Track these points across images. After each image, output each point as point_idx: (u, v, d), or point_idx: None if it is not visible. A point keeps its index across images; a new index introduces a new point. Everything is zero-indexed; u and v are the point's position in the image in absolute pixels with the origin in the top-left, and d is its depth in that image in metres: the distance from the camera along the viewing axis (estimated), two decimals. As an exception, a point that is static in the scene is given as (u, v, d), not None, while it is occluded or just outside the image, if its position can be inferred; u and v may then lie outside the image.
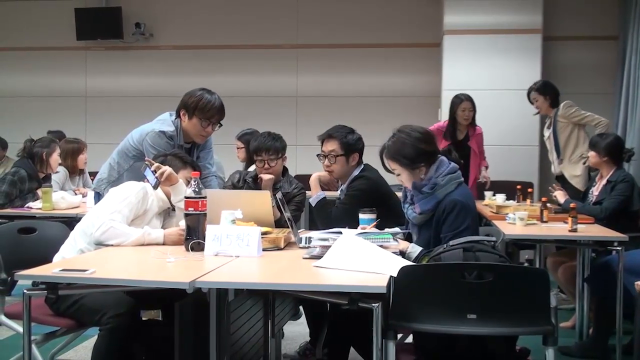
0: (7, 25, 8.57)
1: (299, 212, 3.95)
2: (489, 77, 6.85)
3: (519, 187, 5.42)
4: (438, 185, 2.90)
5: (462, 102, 5.73)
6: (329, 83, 8.05)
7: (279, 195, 3.04)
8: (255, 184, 3.89)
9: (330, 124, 3.82)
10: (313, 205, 3.68)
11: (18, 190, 4.97)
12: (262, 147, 3.82)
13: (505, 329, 2.24)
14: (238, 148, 5.34)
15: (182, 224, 2.93)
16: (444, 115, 6.54)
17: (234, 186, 3.96)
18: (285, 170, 3.99)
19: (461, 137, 5.78)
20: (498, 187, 5.69)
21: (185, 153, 3.52)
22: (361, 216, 3.18)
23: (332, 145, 3.63)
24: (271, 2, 8.15)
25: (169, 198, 3.18)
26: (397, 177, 3.03)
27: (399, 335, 2.59)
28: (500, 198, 5.10)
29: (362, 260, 2.43)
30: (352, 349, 3.26)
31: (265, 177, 3.80)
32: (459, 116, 5.73)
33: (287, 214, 2.99)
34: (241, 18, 8.17)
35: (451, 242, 2.52)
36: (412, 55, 7.84)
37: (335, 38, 7.98)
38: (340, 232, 2.78)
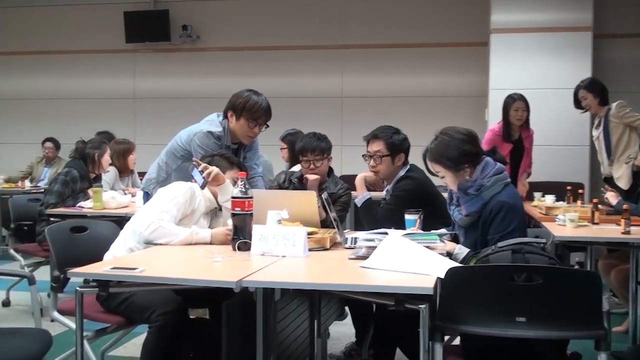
0: (59, 29, 8.80)
1: (345, 213, 3.95)
2: (537, 76, 6.73)
3: (569, 187, 5.30)
4: (484, 187, 2.86)
5: (515, 102, 5.58)
6: (374, 83, 8.03)
7: (324, 195, 3.05)
8: (301, 184, 3.90)
9: (375, 124, 3.80)
10: (359, 205, 3.68)
11: (70, 190, 5.09)
12: (308, 147, 3.84)
13: (555, 332, 2.20)
14: (282, 149, 5.37)
15: (229, 223, 2.96)
16: (491, 116, 6.46)
17: (280, 186, 3.99)
18: (330, 170, 3.99)
19: (515, 138, 5.67)
20: (547, 188, 5.58)
21: (232, 154, 3.56)
22: (407, 217, 3.16)
23: (377, 146, 3.61)
24: (316, 3, 8.18)
25: (216, 198, 3.22)
26: (442, 180, 3.00)
27: (446, 337, 2.56)
28: (549, 199, 5.00)
29: (408, 261, 2.42)
30: (398, 350, 3.25)
31: (311, 177, 3.82)
32: (512, 116, 5.57)
33: (332, 214, 2.99)
34: (286, 19, 8.21)
35: (499, 244, 2.48)
36: (458, 55, 7.77)
37: (380, 38, 7.96)
38: (386, 233, 2.77)
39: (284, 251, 2.70)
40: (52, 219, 4.68)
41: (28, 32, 8.90)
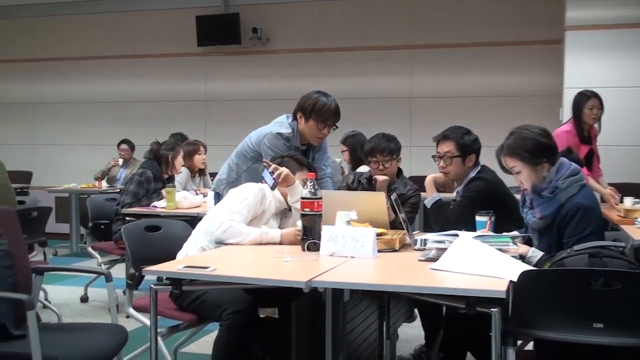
0: (133, 35, 9.07)
1: (414, 214, 3.91)
2: (615, 74, 6.49)
3: (649, 189, 5.09)
4: (559, 189, 2.78)
5: (589, 100, 5.29)
6: (444, 83, 7.94)
7: (394, 196, 3.03)
8: (370, 185, 3.89)
9: (445, 124, 3.75)
10: (428, 207, 3.63)
11: (144, 190, 5.24)
12: (377, 148, 3.84)
13: (634, 339, 2.11)
14: (342, 151, 5.37)
15: (299, 224, 2.98)
16: (566, 115, 6.27)
17: (349, 187, 3.99)
18: (399, 171, 3.97)
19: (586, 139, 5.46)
20: (626, 189, 5.37)
21: (301, 155, 3.58)
22: (478, 218, 3.10)
23: (447, 146, 3.56)
24: (386, 3, 8.14)
25: (285, 199, 3.24)
26: (516, 177, 2.92)
27: (519, 342, 2.50)
28: (628, 201, 4.80)
29: (480, 263, 2.37)
30: (468, 354, 3.19)
31: (380, 178, 3.81)
32: (586, 115, 5.27)
33: (402, 215, 2.97)
34: (356, 21, 8.21)
35: (575, 247, 2.41)
36: (530, 53, 7.59)
37: (450, 37, 7.86)
38: (457, 235, 2.73)
39: (353, 252, 2.70)
40: (127, 218, 4.82)
41: (104, 38, 9.21)
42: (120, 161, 8.23)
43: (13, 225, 2.90)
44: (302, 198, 2.87)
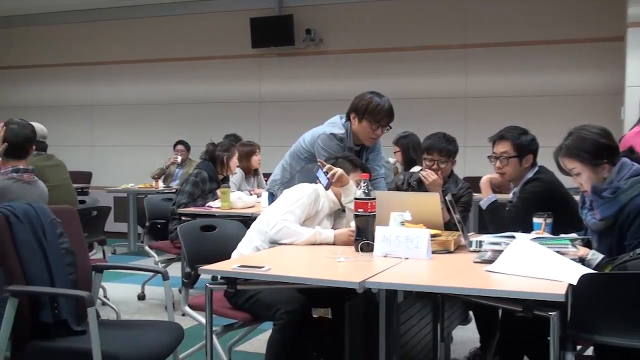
0: (189, 38, 9.22)
1: (467, 213, 3.85)
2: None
3: None
4: (620, 190, 2.69)
5: None
6: (500, 83, 7.81)
7: (448, 197, 2.99)
8: (419, 187, 3.83)
9: (501, 124, 3.68)
10: (484, 208, 3.57)
11: (200, 191, 5.31)
12: (435, 146, 3.78)
13: (702, 347, 2.04)
14: (395, 152, 5.33)
15: (352, 224, 2.97)
16: (628, 114, 6.08)
17: (398, 189, 3.95)
18: (451, 171, 3.91)
19: None
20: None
21: (355, 155, 3.57)
22: (535, 220, 3.04)
23: (504, 147, 3.49)
24: (439, 2, 8.07)
25: (339, 199, 3.24)
26: (575, 179, 2.84)
27: (578, 347, 2.44)
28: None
29: (537, 266, 2.32)
30: (525, 358, 3.13)
31: (430, 178, 3.72)
32: None
33: (456, 216, 2.94)
34: (409, 20, 8.16)
35: (638, 250, 2.33)
36: (589, 51, 7.40)
37: (506, 36, 7.73)
38: (513, 237, 2.68)
39: (407, 253, 2.68)
40: (183, 218, 4.89)
41: (161, 41, 9.39)
42: (179, 158, 8.37)
43: (74, 224, 2.99)
44: (356, 198, 2.87)
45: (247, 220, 3.99)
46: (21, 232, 2.66)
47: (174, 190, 7.03)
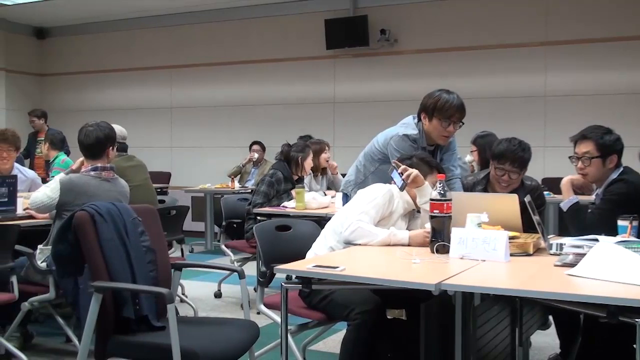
0: (263, 40, 9.35)
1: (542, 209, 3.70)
2: None
3: None
4: None
5: None
6: (581, 80, 7.56)
7: (527, 198, 2.91)
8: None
9: (582, 124, 3.56)
10: (564, 210, 3.46)
11: (275, 191, 5.38)
12: (509, 155, 3.56)
13: None
14: (472, 151, 5.23)
15: (428, 225, 2.94)
16: None
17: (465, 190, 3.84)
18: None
19: None
20: None
21: (430, 155, 3.53)
22: (620, 223, 2.92)
23: (586, 147, 3.37)
24: (518, 0, 7.89)
25: (414, 200, 3.21)
26: None
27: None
28: None
29: (623, 270, 2.23)
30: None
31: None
32: None
33: (536, 218, 2.85)
34: (485, 18, 8.02)
35: None
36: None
37: (587, 32, 7.48)
38: (596, 240, 2.58)
39: (484, 255, 2.63)
40: (258, 217, 4.97)
41: (237, 44, 9.56)
42: (255, 155, 8.49)
43: (155, 223, 3.08)
44: (432, 200, 2.83)
45: (321, 221, 4.01)
46: (105, 230, 2.76)
47: (250, 191, 7.14)
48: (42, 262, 3.77)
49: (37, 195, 3.82)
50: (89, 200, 2.97)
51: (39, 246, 3.86)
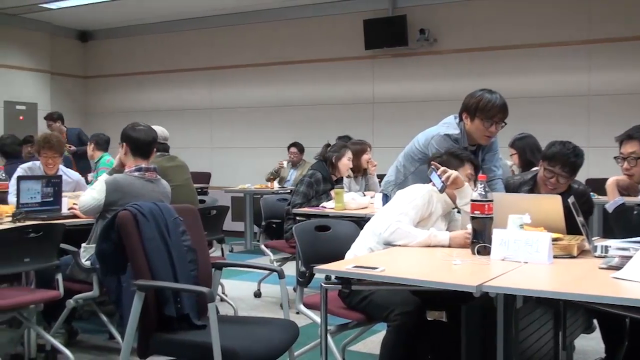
0: (302, 41, 9.38)
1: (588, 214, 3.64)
2: None
3: None
4: None
5: None
6: (626, 79, 7.40)
7: (571, 199, 2.86)
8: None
9: (627, 123, 3.48)
10: (609, 211, 3.38)
11: (314, 191, 5.39)
12: (560, 159, 3.47)
13: None
14: (511, 155, 5.15)
15: (469, 227, 2.91)
16: None
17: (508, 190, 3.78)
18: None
19: None
20: None
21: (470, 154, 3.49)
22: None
23: (632, 147, 3.29)
24: (559, -3, 7.77)
25: (453, 201, 3.18)
26: None
27: None
28: None
29: (671, 273, 2.18)
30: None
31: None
32: None
33: (580, 220, 2.80)
34: (527, 16, 7.91)
35: None
36: None
37: (632, 30, 7.32)
38: (643, 242, 2.53)
39: (526, 257, 2.59)
40: (298, 218, 4.98)
41: (275, 45, 9.62)
42: (285, 163, 8.53)
43: (196, 223, 3.11)
44: (473, 200, 2.80)
45: (360, 221, 4.00)
46: (147, 230, 2.80)
47: (289, 191, 7.17)
48: (86, 261, 3.84)
49: (85, 198, 3.89)
50: (133, 201, 3.02)
51: (83, 245, 3.94)
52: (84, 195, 3.94)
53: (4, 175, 4.63)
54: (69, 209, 4.42)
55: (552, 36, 7.73)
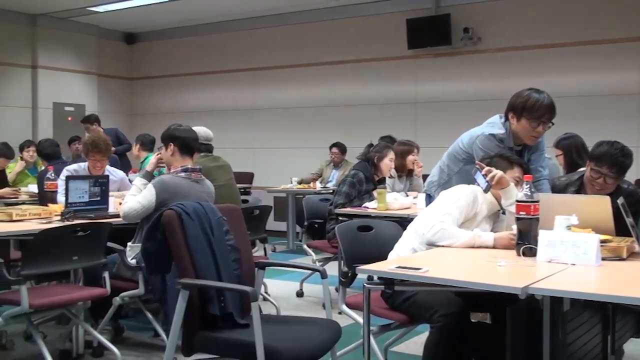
0: (344, 41, 9.38)
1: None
2: None
3: None
4: None
5: None
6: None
7: (620, 200, 2.79)
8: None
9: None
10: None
11: (356, 191, 5.38)
12: (608, 159, 3.39)
13: None
14: (557, 155, 5.05)
15: (514, 228, 2.86)
16: None
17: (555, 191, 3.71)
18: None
19: None
20: None
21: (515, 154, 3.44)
22: None
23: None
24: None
25: (498, 201, 3.14)
26: None
27: None
28: None
29: None
30: None
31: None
32: None
33: (629, 221, 2.73)
34: (575, 13, 7.75)
35: None
36: None
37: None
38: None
39: (574, 259, 2.53)
40: (340, 218, 4.97)
41: (317, 45, 9.64)
42: (294, 180, 8.49)
43: (239, 223, 3.14)
44: (518, 201, 2.76)
45: (403, 221, 3.97)
46: (191, 229, 2.83)
47: (331, 191, 7.17)
48: (132, 259, 3.91)
49: (130, 204, 3.92)
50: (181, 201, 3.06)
51: (129, 243, 4.01)
52: (127, 202, 3.95)
53: (52, 175, 4.73)
54: (116, 208, 4.49)
55: (601, 33, 7.56)
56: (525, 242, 2.72)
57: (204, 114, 10.38)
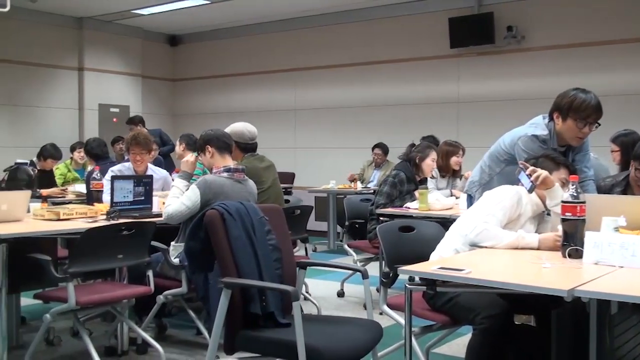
0: (387, 40, 9.34)
1: None
2: None
3: None
4: None
5: None
6: None
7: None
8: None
9: None
10: None
11: (398, 192, 5.35)
12: None
13: None
14: (612, 151, 4.93)
15: (559, 229, 2.81)
16: None
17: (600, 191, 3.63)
18: None
19: None
20: None
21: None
22: None
23: None
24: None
25: (543, 202, 3.09)
26: None
27: None
28: None
29: None
30: None
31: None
32: None
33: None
34: (619, 11, 7.58)
35: None
36: None
37: None
38: None
39: (622, 261, 2.48)
40: (381, 218, 4.95)
41: (359, 45, 9.62)
42: (358, 181, 8.48)
43: (281, 222, 3.15)
44: (564, 202, 2.70)
45: (445, 222, 3.94)
46: (234, 228, 2.86)
47: (372, 191, 7.15)
48: (175, 258, 3.96)
49: (174, 206, 3.96)
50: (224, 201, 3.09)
51: (172, 243, 4.06)
52: (171, 204, 3.99)
53: (98, 175, 4.82)
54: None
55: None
56: (571, 243, 2.66)
57: (245, 114, 10.40)
